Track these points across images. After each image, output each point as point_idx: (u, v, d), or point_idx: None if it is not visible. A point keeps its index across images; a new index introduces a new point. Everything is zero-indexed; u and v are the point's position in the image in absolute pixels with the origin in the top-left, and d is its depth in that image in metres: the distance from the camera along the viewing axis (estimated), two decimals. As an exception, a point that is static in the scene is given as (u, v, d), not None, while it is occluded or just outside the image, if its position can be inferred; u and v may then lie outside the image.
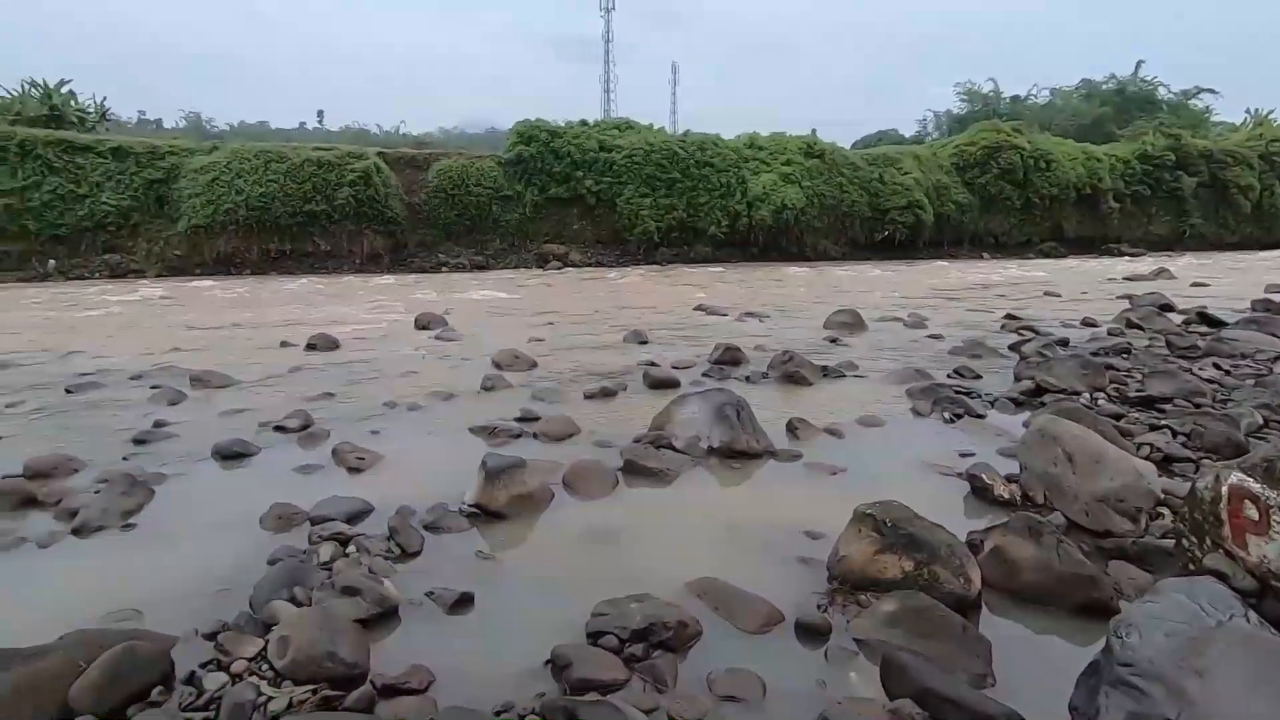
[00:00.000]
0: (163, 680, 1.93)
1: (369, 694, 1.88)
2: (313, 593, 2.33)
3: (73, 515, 3.01)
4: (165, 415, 4.65)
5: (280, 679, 1.91)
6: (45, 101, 21.24)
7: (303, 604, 2.27)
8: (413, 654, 2.10)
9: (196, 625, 2.20)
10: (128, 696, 1.84)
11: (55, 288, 14.97)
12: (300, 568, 2.49)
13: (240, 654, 2.02)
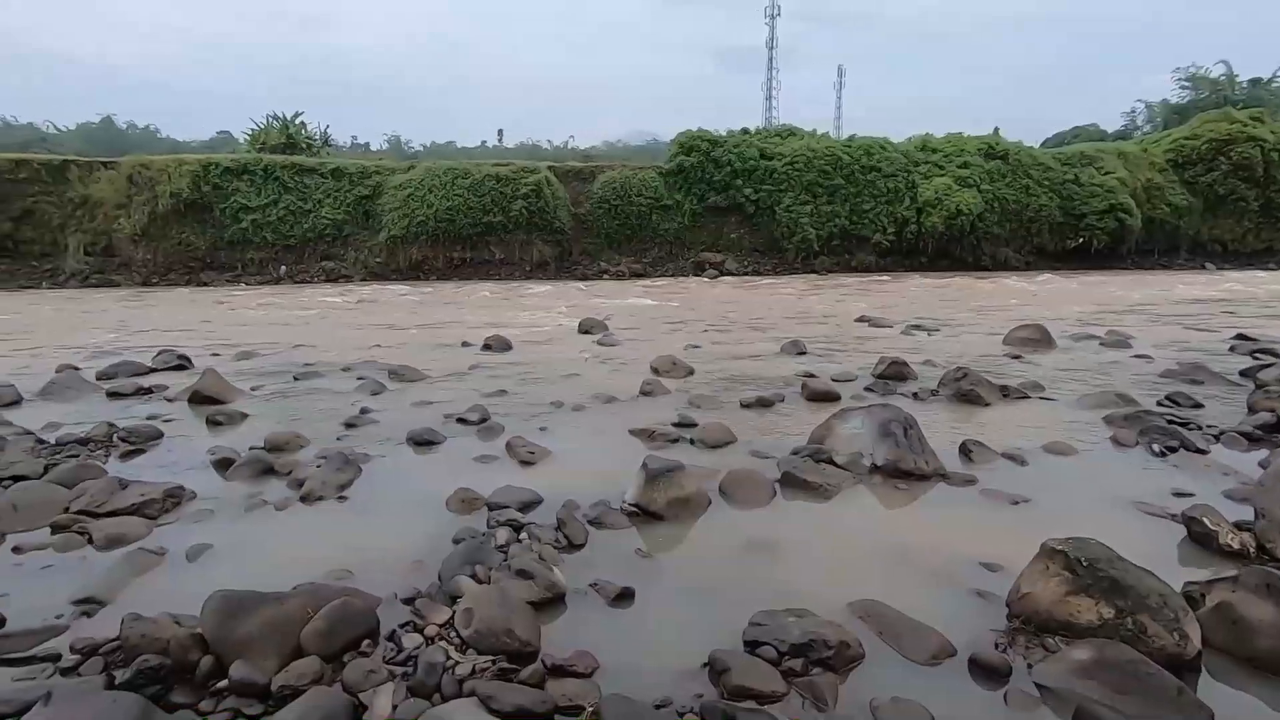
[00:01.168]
0: (370, 634, 2.21)
1: (540, 671, 2.02)
2: (491, 572, 2.55)
3: (300, 485, 3.53)
4: (369, 404, 5.28)
5: (465, 646, 2.12)
6: (283, 131, 24.98)
7: (483, 581, 2.49)
8: (578, 639, 2.22)
9: (396, 590, 2.49)
10: (344, 644, 2.12)
11: (284, 290, 17.54)
12: (481, 548, 2.73)
13: (433, 620, 2.26)
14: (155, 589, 2.56)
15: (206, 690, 1.94)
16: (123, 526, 3.01)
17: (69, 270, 18.44)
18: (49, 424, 4.65)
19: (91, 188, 18.72)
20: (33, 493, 3.26)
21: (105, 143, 38.88)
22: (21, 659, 2.12)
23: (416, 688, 1.93)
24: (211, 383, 5.40)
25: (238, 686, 1.91)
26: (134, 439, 4.29)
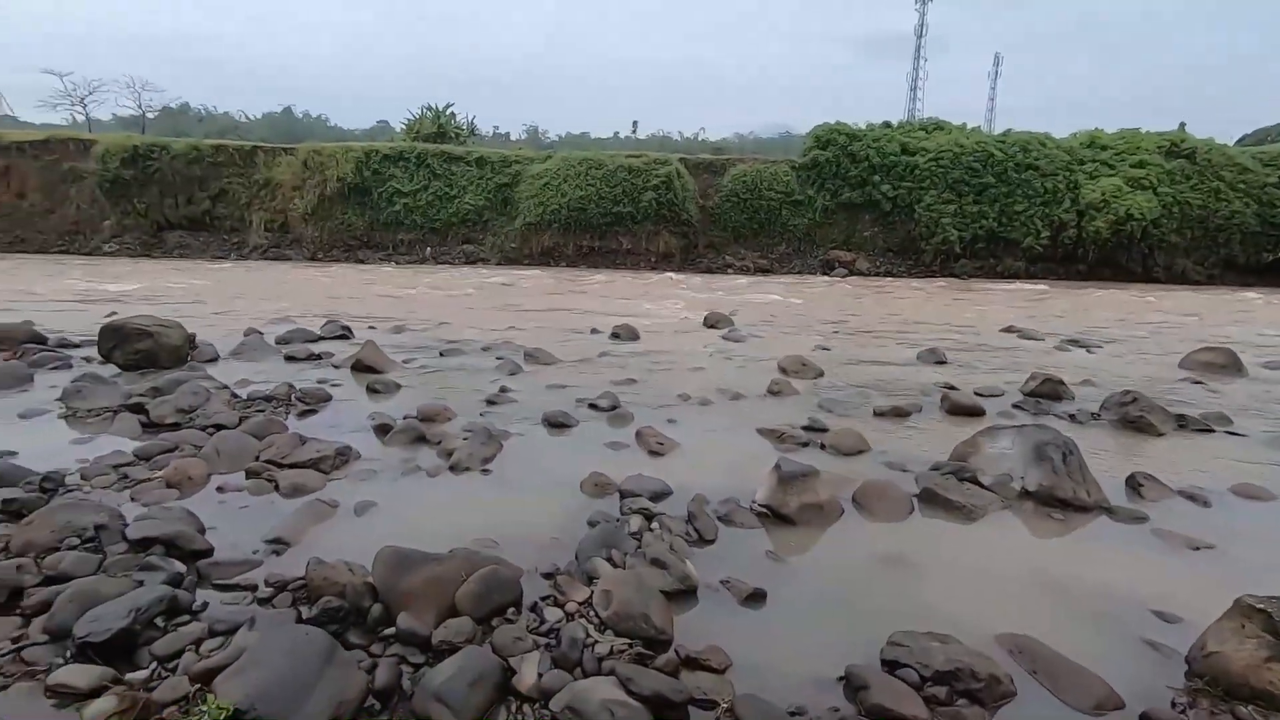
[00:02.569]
0: (514, 603, 2.34)
1: (674, 661, 2.06)
2: (626, 558, 2.63)
3: (449, 455, 3.79)
4: (508, 383, 5.58)
5: (604, 626, 2.20)
6: (435, 122, 26.68)
7: (618, 566, 2.57)
8: (709, 634, 2.25)
9: (536, 564, 2.63)
10: (492, 609, 2.27)
11: (429, 269, 18.82)
12: (615, 533, 2.82)
13: (573, 597, 2.37)
14: (330, 537, 2.86)
15: (376, 635, 2.15)
16: (303, 478, 3.37)
17: (252, 244, 20.79)
18: (240, 380, 5.29)
19: (273, 171, 20.95)
20: (231, 441, 3.73)
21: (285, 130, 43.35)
22: (228, 585, 2.44)
23: (560, 660, 2.03)
24: (371, 354, 5.91)
25: (404, 635, 2.10)
26: (308, 400, 4.79)
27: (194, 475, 3.32)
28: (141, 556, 2.48)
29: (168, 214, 20.83)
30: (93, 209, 20.81)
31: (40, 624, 2.11)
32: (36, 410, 4.46)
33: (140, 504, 3.04)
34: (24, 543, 2.56)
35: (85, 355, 5.98)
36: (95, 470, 3.39)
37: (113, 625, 1.98)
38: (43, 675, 1.92)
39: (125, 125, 34.42)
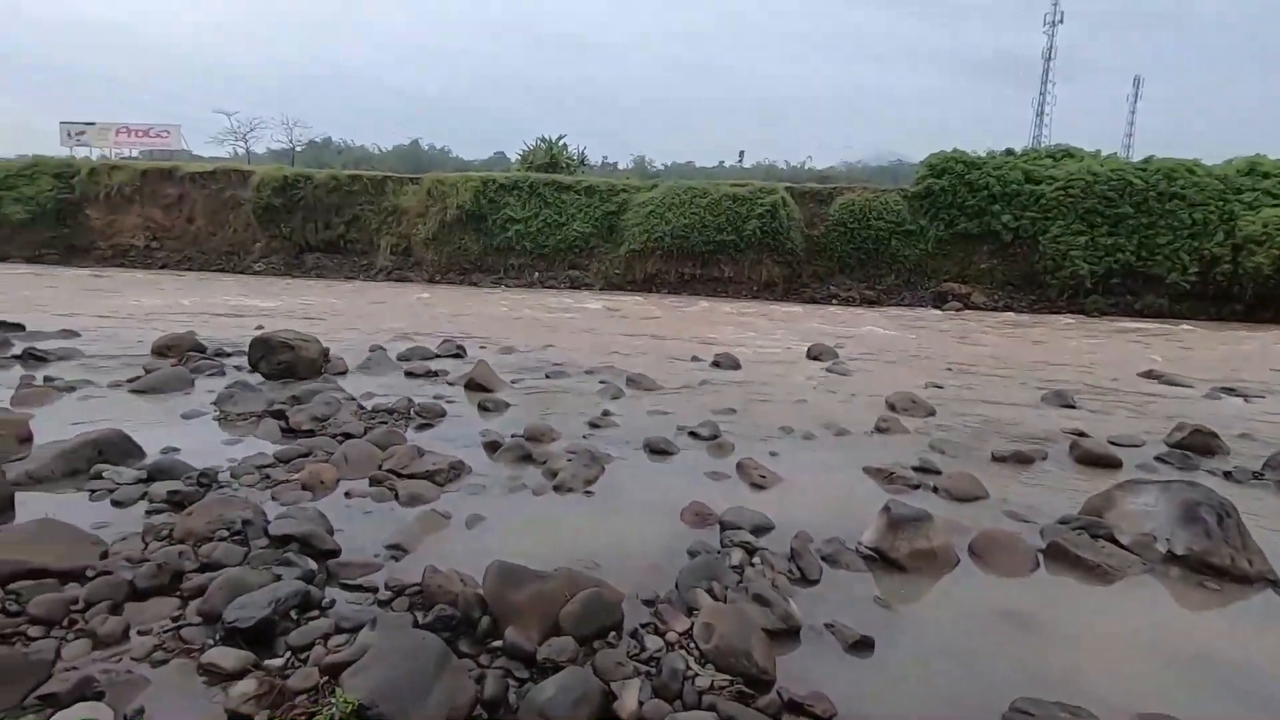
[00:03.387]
0: (615, 627, 2.37)
1: (777, 704, 2.01)
2: (727, 591, 2.60)
3: (554, 475, 3.90)
4: (610, 407, 5.68)
5: (704, 660, 2.18)
6: (548, 152, 27.92)
7: (719, 599, 2.54)
8: (813, 678, 2.17)
9: (637, 589, 2.65)
10: (594, 631, 2.30)
11: (536, 293, 19.57)
12: (716, 565, 2.80)
13: (673, 627, 2.36)
14: (443, 546, 3.01)
15: (484, 646, 2.23)
16: (419, 488, 3.57)
17: (379, 266, 22.43)
18: (366, 393, 5.69)
19: (400, 199, 22.59)
20: (358, 449, 4.01)
21: (413, 161, 46.68)
22: (352, 585, 2.61)
23: (660, 689, 2.03)
24: (482, 373, 6.20)
25: (510, 649, 2.16)
26: (426, 414, 5.08)
27: (325, 479, 3.59)
28: (280, 552, 2.71)
29: (309, 237, 22.89)
30: (247, 232, 23.20)
31: (195, 606, 2.34)
32: (196, 412, 4.98)
33: (279, 503, 3.33)
34: (185, 531, 2.86)
35: (237, 364, 6.64)
36: (243, 469, 3.74)
37: (255, 614, 2.17)
38: (197, 654, 2.13)
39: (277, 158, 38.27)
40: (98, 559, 2.63)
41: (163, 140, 30.19)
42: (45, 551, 2.55)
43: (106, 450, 3.77)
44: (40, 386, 5.43)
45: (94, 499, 3.34)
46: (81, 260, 22.92)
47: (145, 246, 23.59)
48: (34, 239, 23.26)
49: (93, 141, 29.29)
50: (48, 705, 1.87)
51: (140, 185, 23.46)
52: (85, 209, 23.47)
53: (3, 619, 2.22)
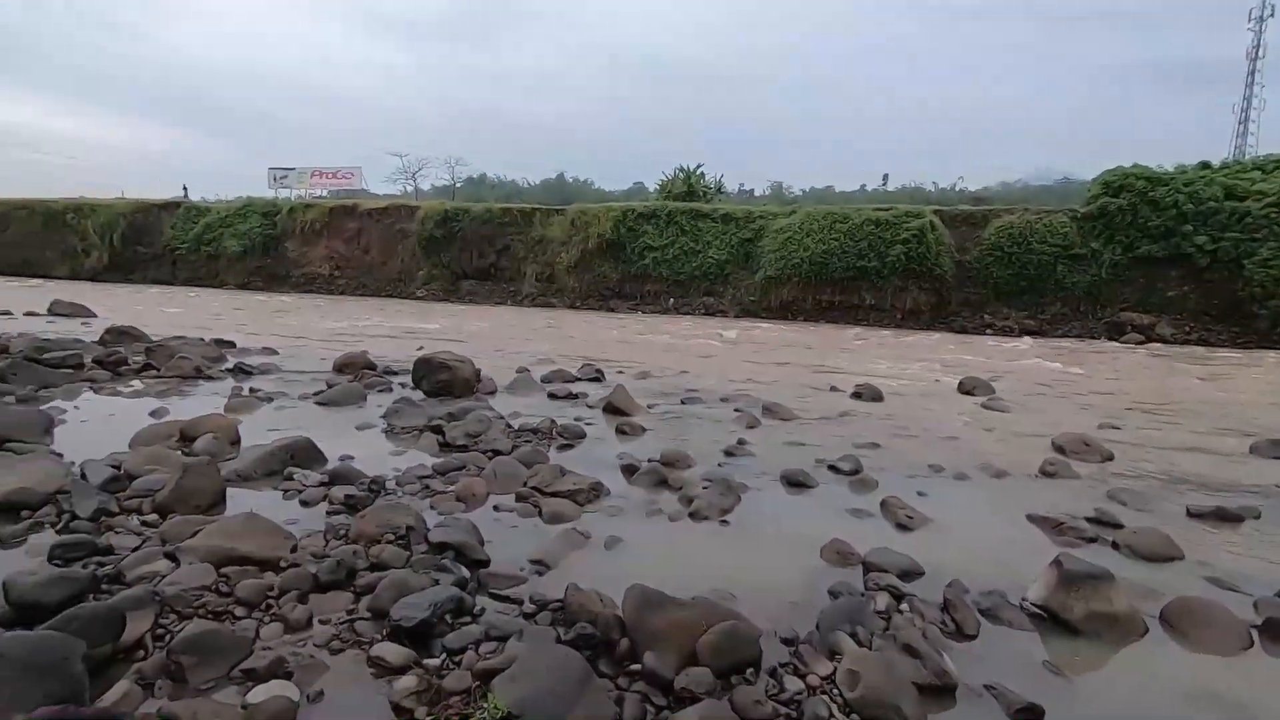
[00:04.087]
0: (753, 663, 2.31)
1: (930, 766, 1.86)
2: (873, 637, 2.46)
3: (689, 502, 3.91)
4: (745, 435, 5.61)
5: (848, 709, 2.07)
6: (685, 181, 28.44)
7: (863, 644, 2.41)
8: (971, 745, 2.00)
9: (775, 626, 2.57)
10: (731, 665, 2.27)
11: (671, 319, 19.84)
12: (860, 608, 2.66)
13: (815, 670, 2.27)
14: (583, 565, 3.10)
15: (623, 668, 2.26)
16: (561, 507, 3.72)
17: (524, 292, 23.81)
18: (513, 412, 6.02)
19: (546, 229, 23.91)
20: (506, 466, 4.25)
21: (558, 193, 49.36)
22: (500, 596, 2.76)
23: (801, 735, 1.95)
24: (620, 397, 6.36)
25: (648, 674, 2.18)
26: (567, 435, 5.29)
27: (477, 493, 3.84)
28: (438, 558, 2.91)
29: (464, 265, 24.79)
30: (412, 261, 25.55)
31: (366, 603, 2.57)
32: (367, 424, 5.52)
33: (437, 512, 3.59)
34: (358, 532, 3.16)
35: (401, 381, 7.28)
36: (406, 479, 4.08)
37: (417, 615, 2.35)
38: (366, 646, 2.33)
39: (440, 193, 41.98)
40: (289, 552, 2.97)
41: (347, 181, 34.16)
42: (249, 541, 2.92)
43: (297, 455, 4.26)
44: (246, 397, 6.26)
45: (286, 498, 3.78)
46: (279, 286, 26.30)
47: (329, 274, 26.64)
48: (245, 268, 27.04)
49: (293, 184, 33.75)
50: (248, 679, 2.13)
51: (328, 221, 26.62)
52: (284, 242, 26.95)
53: (216, 598, 2.56)
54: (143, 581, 2.60)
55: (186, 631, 2.24)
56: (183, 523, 3.17)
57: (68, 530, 3.12)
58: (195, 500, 3.47)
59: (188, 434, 4.62)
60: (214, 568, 2.73)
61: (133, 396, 6.26)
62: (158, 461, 4.03)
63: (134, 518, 3.32)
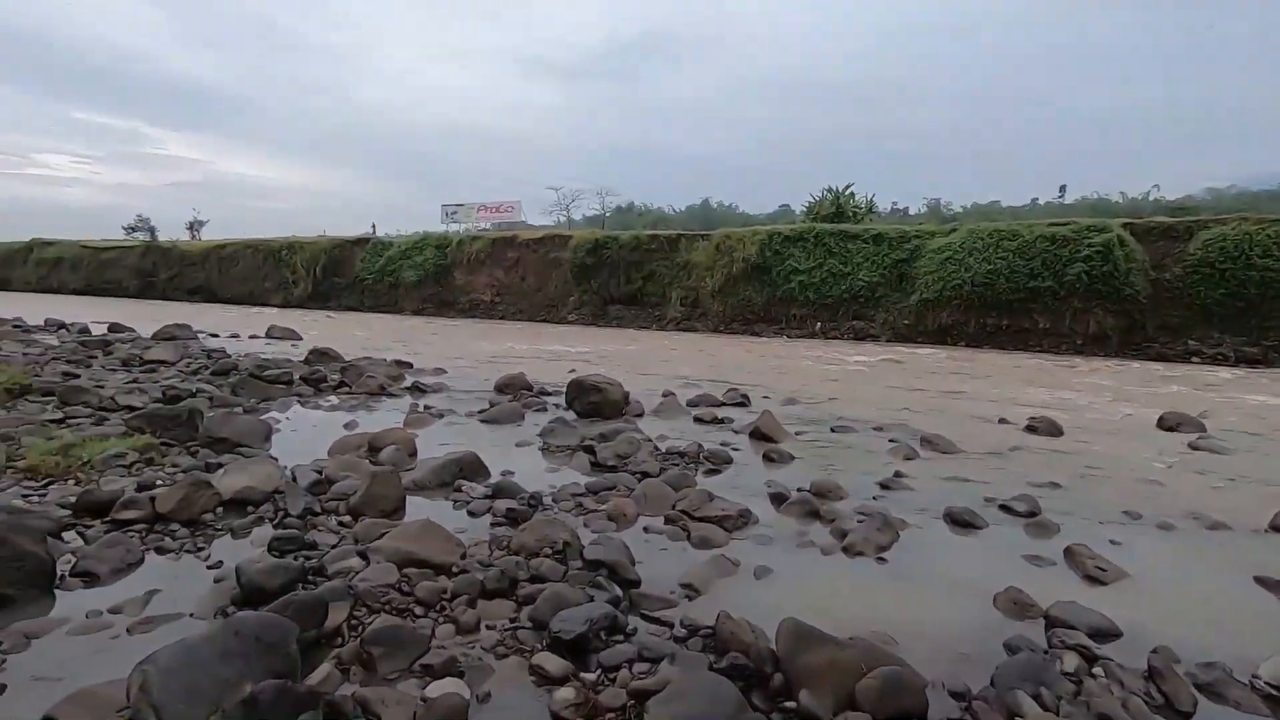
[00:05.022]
0: (918, 715, 2.15)
1: None
2: (1060, 702, 2.20)
3: (843, 535, 3.74)
4: (902, 468, 5.29)
5: (1033, 780, 1.87)
6: (834, 202, 27.67)
7: (1049, 708, 2.17)
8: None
9: (942, 678, 2.38)
10: (893, 714, 2.13)
11: (818, 344, 19.26)
12: (1043, 667, 2.40)
13: (991, 730, 2.07)
14: (733, 593, 3.06)
15: (776, 704, 2.20)
16: (710, 532, 3.71)
17: (669, 317, 24.22)
18: (660, 435, 6.12)
19: (691, 254, 24.23)
20: (654, 488, 4.32)
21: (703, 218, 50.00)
22: (651, 617, 2.80)
23: (977, 801, 1.79)
24: (768, 423, 6.25)
25: (804, 713, 2.10)
26: (713, 460, 5.28)
27: (627, 513, 3.93)
28: (593, 575, 3.02)
29: (612, 291, 25.73)
30: (564, 288, 26.92)
31: (528, 612, 2.71)
32: (525, 442, 5.85)
33: (590, 530, 3.72)
34: (519, 545, 3.35)
35: (556, 402, 7.66)
36: (561, 496, 4.27)
37: (575, 628, 2.44)
38: (528, 654, 2.46)
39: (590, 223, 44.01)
40: (459, 558, 3.21)
41: (508, 214, 36.85)
42: (426, 546, 3.19)
43: (465, 468, 4.62)
44: (421, 413, 6.88)
45: (455, 507, 4.09)
46: (447, 312, 28.77)
47: (490, 301, 28.74)
48: (419, 295, 29.91)
49: (462, 218, 36.98)
50: (426, 674, 2.32)
51: (490, 251, 28.81)
52: (453, 271, 29.49)
53: (399, 596, 2.82)
54: (340, 576, 2.93)
55: (376, 625, 2.49)
56: (371, 525, 3.54)
57: (282, 526, 3.59)
58: (381, 505, 3.86)
59: (374, 445, 5.16)
60: (397, 568, 3.01)
61: (330, 410, 7.11)
62: (350, 469, 4.53)
63: (332, 518, 3.75)
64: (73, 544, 3.26)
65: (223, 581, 2.89)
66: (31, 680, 2.20)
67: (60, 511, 3.58)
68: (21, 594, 2.71)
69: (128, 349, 10.65)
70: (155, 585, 2.90)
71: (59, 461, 4.24)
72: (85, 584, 2.91)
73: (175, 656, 1.99)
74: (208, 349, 11.30)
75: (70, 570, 2.97)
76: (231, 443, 5.05)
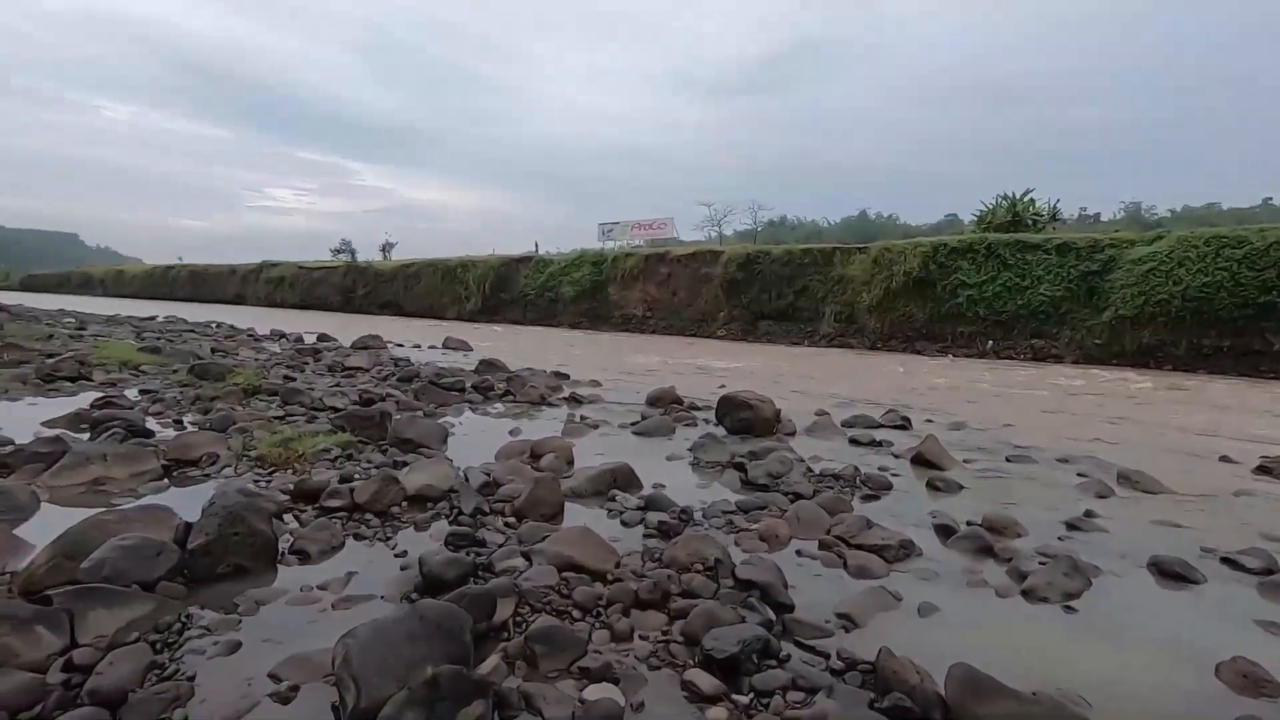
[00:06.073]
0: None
1: None
2: (1310, 802, 1.84)
3: (1022, 577, 3.40)
4: (1094, 506, 4.71)
5: None
6: (1010, 210, 25.39)
7: (1295, 809, 1.82)
8: None
9: (1148, 752, 2.08)
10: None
11: (989, 364, 17.71)
12: (1285, 757, 2.02)
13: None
14: (894, 629, 2.89)
15: (945, 755, 2.04)
16: (868, 561, 3.53)
17: (822, 332, 23.46)
18: (813, 456, 5.93)
19: (846, 268, 23.33)
20: (808, 511, 4.19)
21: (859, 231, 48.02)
22: (805, 645, 2.71)
23: None
24: (932, 448, 5.84)
25: (977, 770, 1.93)
26: (871, 485, 5.03)
27: (780, 535, 3.84)
28: (744, 595, 2.98)
29: (763, 306, 25.42)
30: (714, 303, 27.01)
31: (680, 627, 2.73)
32: (675, 456, 5.92)
33: (741, 549, 3.68)
34: (670, 558, 3.39)
35: (705, 417, 7.69)
36: (711, 512, 4.27)
37: (728, 648, 2.43)
38: (680, 669, 2.48)
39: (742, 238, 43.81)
40: (613, 567, 3.31)
41: (661, 231, 37.69)
42: (584, 552, 3.33)
43: (619, 479, 4.76)
44: (577, 423, 7.20)
45: (610, 517, 4.23)
46: (601, 325, 29.92)
47: (642, 315, 29.51)
48: (576, 310, 31.41)
49: (617, 236, 38.38)
50: (583, 677, 2.41)
51: (643, 267, 29.62)
52: (607, 287, 30.67)
53: (558, 599, 2.96)
54: (506, 574, 3.13)
55: (538, 624, 2.63)
56: (533, 527, 3.75)
57: (456, 522, 3.91)
58: (542, 509, 4.08)
59: (536, 451, 5.47)
60: (557, 570, 3.17)
61: (497, 416, 7.65)
62: (515, 473, 4.84)
63: (499, 518, 4.03)
64: (290, 525, 3.77)
65: (408, 570, 3.20)
66: (261, 641, 2.57)
67: (281, 496, 4.15)
68: (254, 565, 3.18)
69: (332, 356, 12.19)
70: (353, 567, 3.27)
71: (281, 453, 4.93)
72: (300, 561, 3.35)
73: (371, 634, 2.23)
74: (395, 358, 12.62)
75: (289, 548, 3.44)
76: (414, 443, 5.59)
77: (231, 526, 3.16)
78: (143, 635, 2.48)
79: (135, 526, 3.14)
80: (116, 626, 2.46)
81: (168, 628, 2.56)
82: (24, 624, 2.30)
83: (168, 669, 2.32)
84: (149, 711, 2.07)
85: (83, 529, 3.04)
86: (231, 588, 2.98)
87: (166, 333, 16.85)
